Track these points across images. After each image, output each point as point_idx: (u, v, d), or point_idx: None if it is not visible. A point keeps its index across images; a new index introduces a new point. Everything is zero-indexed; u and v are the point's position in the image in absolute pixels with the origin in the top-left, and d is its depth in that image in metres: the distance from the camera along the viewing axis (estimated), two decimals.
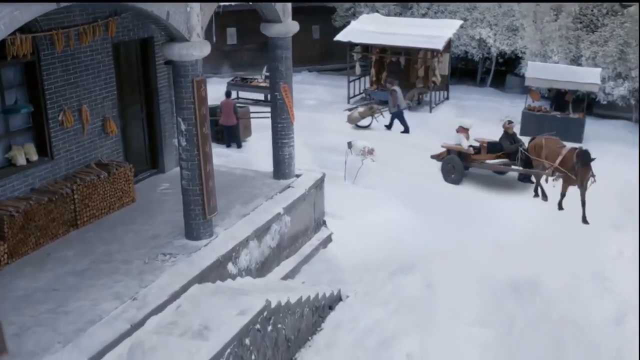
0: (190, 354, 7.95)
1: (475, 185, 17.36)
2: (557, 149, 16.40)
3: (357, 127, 22.23)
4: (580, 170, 15.45)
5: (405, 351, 10.16)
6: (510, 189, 17.51)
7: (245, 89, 25.17)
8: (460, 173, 17.53)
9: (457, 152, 17.68)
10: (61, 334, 8.10)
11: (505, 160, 17.57)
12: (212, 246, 10.49)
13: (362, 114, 22.31)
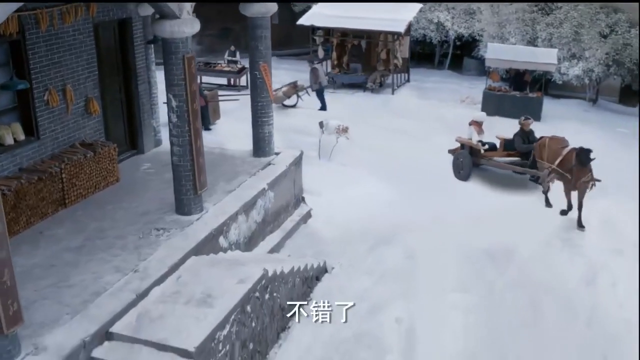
0: (198, 320, 8.21)
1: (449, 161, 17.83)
2: (558, 149, 15.05)
3: (284, 107, 22.36)
4: (577, 171, 14.18)
5: (394, 316, 10.56)
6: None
7: (209, 73, 25.20)
8: (468, 169, 16.66)
9: (469, 148, 16.79)
10: (68, 306, 8.24)
11: (515, 159, 16.50)
12: (204, 220, 10.72)
13: (287, 93, 22.50)
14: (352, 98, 24.38)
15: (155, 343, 7.84)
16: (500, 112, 22.09)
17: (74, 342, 7.55)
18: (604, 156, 17.58)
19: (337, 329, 10.24)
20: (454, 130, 20.27)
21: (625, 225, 13.91)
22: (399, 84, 26.10)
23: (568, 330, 10.47)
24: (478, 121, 16.98)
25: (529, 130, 16.55)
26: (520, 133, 16.52)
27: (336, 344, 9.85)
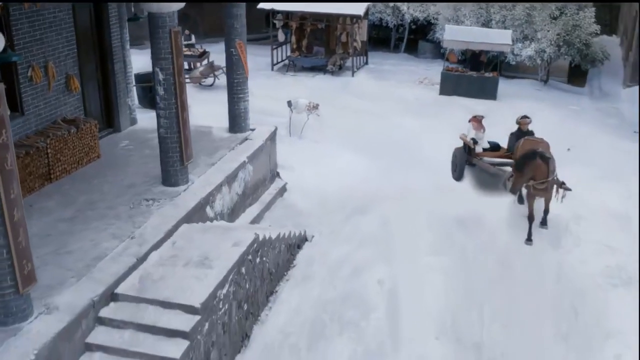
0: (199, 279, 8.59)
1: (416, 133, 18.40)
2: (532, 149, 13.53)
3: (202, 86, 22.67)
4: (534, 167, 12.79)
5: (376, 278, 11.07)
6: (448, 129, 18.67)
7: None
8: (461, 169, 15.66)
9: (467, 146, 15.70)
10: (71, 270, 8.50)
11: (505, 160, 15.06)
12: (192, 191, 11.05)
13: (203, 73, 22.89)
14: (313, 81, 24.82)
15: (161, 301, 8.20)
16: (458, 92, 22.94)
17: (84, 301, 7.84)
18: (560, 130, 18.70)
19: (323, 291, 10.76)
20: (415, 110, 21.07)
21: (583, 192, 14.72)
22: (358, 67, 26.66)
23: (538, 286, 11.16)
24: (478, 117, 15.84)
25: (527, 130, 14.76)
26: (517, 133, 14.82)
27: (323, 305, 10.34)
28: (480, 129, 15.64)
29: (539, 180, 12.80)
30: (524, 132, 14.75)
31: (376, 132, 18.23)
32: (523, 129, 14.87)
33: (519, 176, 13.10)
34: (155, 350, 7.71)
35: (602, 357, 9.48)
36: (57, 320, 7.46)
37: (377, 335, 9.74)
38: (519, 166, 13.14)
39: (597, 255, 12.14)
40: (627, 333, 9.94)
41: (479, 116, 15.93)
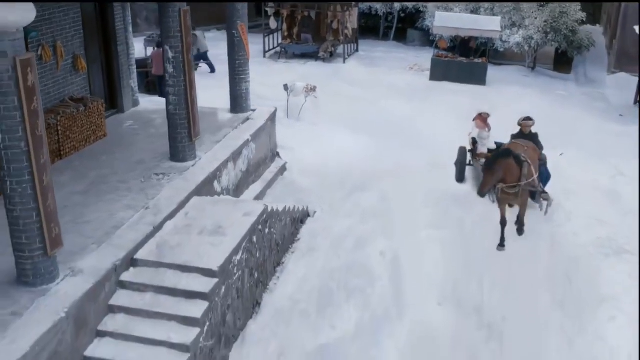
0: (215, 246, 8.96)
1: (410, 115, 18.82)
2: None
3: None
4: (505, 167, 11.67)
5: (378, 250, 11.51)
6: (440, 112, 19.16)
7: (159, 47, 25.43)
8: (461, 170, 14.53)
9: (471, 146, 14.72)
10: (91, 238, 8.82)
11: None
12: (200, 166, 11.39)
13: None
14: (305, 67, 25.10)
15: (179, 265, 8.55)
16: (448, 78, 23.39)
17: (106, 265, 8.18)
18: (549, 114, 19.23)
19: (328, 261, 11.17)
20: (407, 94, 21.51)
21: (572, 169, 15.29)
22: (349, 54, 27.00)
23: (533, 256, 11.64)
24: (484, 115, 14.64)
25: (529, 133, 13.52)
26: (518, 136, 13.53)
27: (329, 274, 10.74)
28: (485, 128, 14.45)
29: (509, 184, 11.74)
30: (526, 135, 13.39)
31: (371, 114, 18.63)
32: (525, 131, 13.49)
33: (488, 175, 11.57)
34: (176, 311, 8.07)
35: (597, 320, 9.95)
36: (83, 282, 7.79)
37: (382, 302, 10.17)
38: (489, 164, 11.74)
39: (588, 228, 12.63)
40: (619, 298, 10.43)
41: (484, 114, 14.70)
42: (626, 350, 9.24)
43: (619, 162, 16.01)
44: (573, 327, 9.81)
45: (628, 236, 12.34)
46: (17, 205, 7.29)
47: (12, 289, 7.61)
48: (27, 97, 6.99)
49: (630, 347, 9.29)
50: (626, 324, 9.84)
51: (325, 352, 9.01)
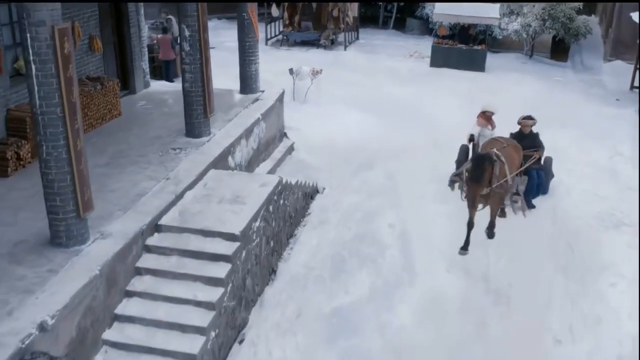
0: (235, 213, 9.36)
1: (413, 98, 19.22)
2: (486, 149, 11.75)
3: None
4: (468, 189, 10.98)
5: (387, 222, 11.94)
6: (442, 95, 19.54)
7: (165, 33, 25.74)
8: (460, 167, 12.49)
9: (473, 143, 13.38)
10: (117, 205, 9.21)
11: None
12: (215, 141, 11.78)
13: None
14: (307, 54, 25.47)
15: (201, 230, 8.95)
16: (448, 64, 23.80)
17: (133, 229, 8.57)
18: (548, 99, 19.73)
19: (339, 232, 11.60)
20: (408, 80, 21.90)
21: (571, 148, 15.76)
22: (350, 41, 27.35)
23: (536, 228, 12.04)
24: (488, 113, 13.42)
25: (530, 133, 12.78)
26: (518, 135, 12.77)
27: (341, 244, 11.17)
28: (487, 125, 13.30)
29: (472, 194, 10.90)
30: (526, 136, 12.67)
31: (374, 98, 18.99)
32: (525, 131, 12.74)
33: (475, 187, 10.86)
34: (201, 272, 8.47)
35: (598, 284, 10.40)
36: (113, 244, 8.19)
37: (393, 269, 10.59)
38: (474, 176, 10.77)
39: (588, 203, 13.08)
40: (619, 266, 10.89)
41: (488, 112, 13.43)
42: (626, 311, 9.68)
43: (617, 143, 16.51)
44: (576, 290, 10.25)
45: (626, 210, 12.83)
46: (52, 168, 7.67)
47: (47, 250, 8.00)
48: (63, 65, 7.36)
49: (631, 309, 9.73)
50: (626, 288, 10.29)
51: (340, 314, 9.42)
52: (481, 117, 13.47)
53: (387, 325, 9.30)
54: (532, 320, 9.43)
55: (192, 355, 7.66)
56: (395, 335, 9.10)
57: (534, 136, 12.85)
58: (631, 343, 9.06)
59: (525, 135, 12.76)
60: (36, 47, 7.24)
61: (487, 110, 13.50)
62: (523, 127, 12.88)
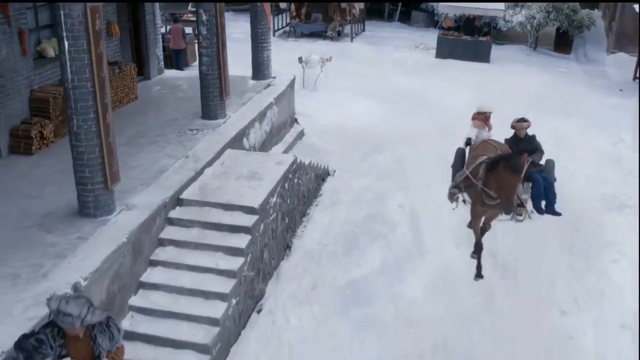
0: (253, 188, 9.73)
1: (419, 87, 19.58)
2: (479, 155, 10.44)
3: None
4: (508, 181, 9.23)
5: (396, 203, 12.31)
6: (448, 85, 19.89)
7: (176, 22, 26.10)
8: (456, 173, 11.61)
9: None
10: (139, 179, 9.58)
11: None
12: (230, 122, 12.16)
13: None
14: (314, 46, 25.79)
15: (222, 204, 9.33)
16: (453, 55, 24.16)
17: (157, 201, 8.95)
18: (552, 89, 20.12)
19: (350, 212, 11.97)
20: (415, 70, 22.25)
21: (575, 137, 16.13)
22: (356, 33, 27.74)
23: None
24: (481, 112, 12.08)
25: (526, 137, 11.33)
26: (512, 140, 11.33)
27: (353, 222, 11.54)
28: (484, 127, 12.05)
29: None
30: (522, 140, 11.30)
31: (381, 87, 19.36)
32: (520, 134, 11.35)
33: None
34: (222, 242, 8.85)
35: (602, 261, 10.77)
36: (138, 215, 8.57)
37: (403, 245, 10.97)
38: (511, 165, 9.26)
39: (591, 187, 13.45)
40: (622, 244, 11.26)
41: (485, 112, 12.14)
42: (629, 286, 10.04)
43: (620, 131, 16.86)
44: (580, 267, 10.62)
45: (628, 193, 13.20)
46: (82, 141, 8.04)
47: (75, 220, 8.38)
48: (94, 42, 7.72)
49: (633, 284, 10.09)
50: (629, 265, 10.66)
51: (354, 286, 9.79)
52: (477, 118, 12.12)
53: (398, 296, 9.67)
54: (538, 293, 9.79)
55: (216, 319, 8.03)
56: (406, 306, 9.47)
57: (531, 139, 11.49)
58: (633, 315, 9.42)
59: (520, 139, 11.42)
60: (69, 24, 7.58)
61: (483, 110, 12.13)
62: (518, 130, 11.46)
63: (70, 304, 5.47)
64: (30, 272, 7.28)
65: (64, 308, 5.43)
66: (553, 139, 15.87)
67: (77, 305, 5.54)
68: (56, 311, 5.46)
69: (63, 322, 5.47)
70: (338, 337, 8.74)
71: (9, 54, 10.52)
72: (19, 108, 10.89)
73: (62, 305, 5.46)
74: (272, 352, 8.41)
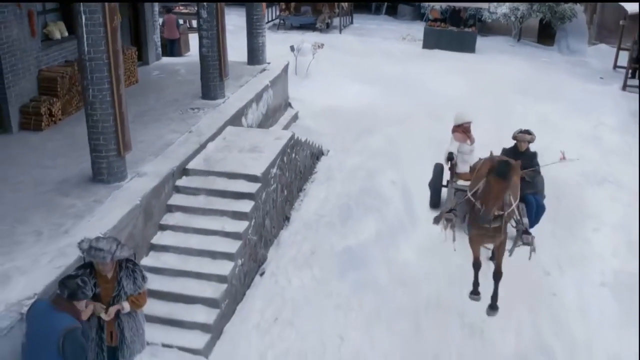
0: (254, 159, 10.29)
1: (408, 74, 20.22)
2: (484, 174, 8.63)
3: None
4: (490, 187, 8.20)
5: (389, 179, 12.90)
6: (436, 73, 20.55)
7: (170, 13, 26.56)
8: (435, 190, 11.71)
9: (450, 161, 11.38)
10: (147, 151, 10.11)
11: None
12: (230, 102, 12.71)
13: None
14: (304, 37, 25.97)
15: (226, 173, 9.88)
16: (440, 46, 24.81)
17: (166, 170, 9.48)
18: (536, 77, 20.86)
19: (344, 187, 12.55)
20: (403, 60, 22.87)
21: (557, 120, 16.81)
22: (345, 26, 28.33)
23: None
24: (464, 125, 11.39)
25: (527, 152, 10.53)
26: (510, 152, 10.49)
27: (348, 196, 12.13)
28: (466, 140, 11.36)
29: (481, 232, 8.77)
30: (521, 154, 10.27)
31: (372, 73, 19.96)
32: (520, 147, 10.52)
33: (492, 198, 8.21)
34: (228, 208, 9.39)
35: (583, 230, 11.43)
36: (149, 181, 9.11)
37: (396, 217, 11.57)
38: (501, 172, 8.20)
39: (573, 164, 14.04)
40: (601, 215, 11.93)
41: (465, 123, 11.39)
42: (609, 251, 10.71)
43: (600, 115, 17.59)
44: (563, 235, 11.26)
45: (608, 170, 13.89)
46: (97, 110, 8.56)
47: (90, 185, 8.91)
48: (109, 16, 8.25)
49: (612, 249, 10.76)
50: (609, 233, 11.33)
51: (350, 251, 10.37)
52: (457, 130, 11.37)
53: (392, 260, 10.26)
54: (523, 256, 10.38)
55: (224, 276, 8.57)
56: (400, 268, 10.06)
57: (531, 156, 10.53)
58: (612, 275, 10.09)
59: (520, 152, 10.42)
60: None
61: (462, 121, 11.38)
62: (519, 142, 10.55)
63: (100, 241, 6.06)
64: (52, 229, 7.80)
65: (96, 244, 6.02)
66: (538, 123, 16.55)
67: (107, 242, 6.14)
68: (88, 248, 6.02)
69: (95, 257, 6.03)
70: (338, 296, 9.31)
71: (19, 35, 10.99)
72: (29, 87, 11.36)
73: (93, 243, 6.04)
74: (276, 309, 8.97)
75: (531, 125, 15.35)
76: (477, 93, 18.56)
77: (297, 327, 8.62)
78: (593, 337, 8.76)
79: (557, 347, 8.57)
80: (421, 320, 8.92)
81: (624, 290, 9.74)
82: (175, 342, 7.93)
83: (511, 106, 17.67)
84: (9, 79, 10.86)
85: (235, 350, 8.15)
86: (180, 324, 8.14)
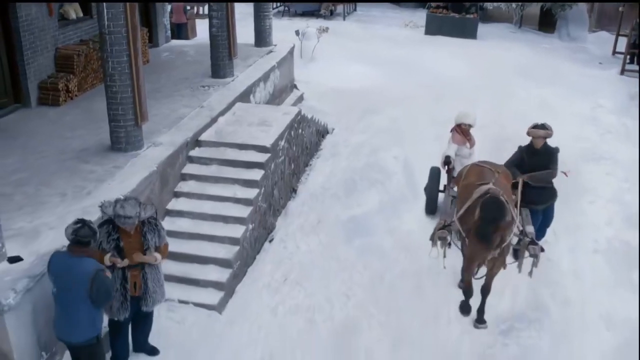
0: (264, 132, 10.75)
1: (411, 58, 20.65)
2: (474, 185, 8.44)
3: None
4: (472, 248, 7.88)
5: (391, 155, 13.36)
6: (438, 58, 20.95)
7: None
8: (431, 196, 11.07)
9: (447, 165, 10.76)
10: (161, 124, 10.58)
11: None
12: (239, 80, 13.17)
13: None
14: (308, 24, 26.68)
15: (237, 144, 10.35)
16: (442, 32, 25.23)
17: (180, 140, 9.96)
18: (536, 62, 21.27)
19: (349, 163, 13.02)
20: (406, 45, 23.29)
21: (557, 102, 17.23)
22: (348, 12, 28.73)
23: None
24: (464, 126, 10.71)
25: (544, 150, 9.62)
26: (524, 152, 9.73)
27: (352, 170, 12.61)
28: (465, 143, 10.73)
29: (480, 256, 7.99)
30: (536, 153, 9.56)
31: (376, 57, 20.39)
32: (536, 145, 9.56)
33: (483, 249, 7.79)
34: (239, 176, 9.86)
35: (579, 203, 11.86)
36: (164, 150, 9.59)
37: (399, 189, 12.04)
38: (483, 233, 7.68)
39: (572, 142, 14.50)
40: (598, 189, 12.40)
41: (464, 124, 10.66)
42: (603, 221, 11.18)
43: (598, 97, 18.01)
44: (560, 208, 11.58)
45: (605, 148, 14.36)
46: (116, 81, 9.03)
47: (109, 153, 9.40)
48: None
49: (607, 219, 11.23)
50: (603, 205, 11.80)
51: (355, 220, 10.85)
52: (457, 131, 10.73)
53: (395, 229, 10.74)
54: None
55: (236, 238, 9.06)
56: (403, 236, 10.54)
57: (549, 153, 9.61)
58: (606, 242, 10.56)
59: (536, 150, 9.53)
60: None
61: (463, 122, 10.67)
62: (535, 138, 9.58)
63: (125, 207, 6.54)
64: (75, 191, 8.28)
65: (123, 212, 6.52)
66: (538, 105, 17.08)
67: (132, 207, 6.61)
68: (115, 216, 6.52)
69: (125, 224, 6.57)
70: (344, 260, 9.80)
71: (37, 14, 11.45)
72: (46, 64, 11.83)
73: (119, 210, 6.53)
74: (285, 271, 9.47)
75: (531, 107, 15.98)
76: (478, 76, 19.04)
77: (305, 286, 9.12)
78: (586, 297, 9.24)
79: (552, 306, 9.04)
80: (423, 281, 9.39)
81: (616, 256, 10.22)
82: (191, 299, 8.43)
83: (512, 89, 18.14)
84: (28, 55, 11.33)
85: (248, 306, 8.65)
86: (195, 282, 8.64)
